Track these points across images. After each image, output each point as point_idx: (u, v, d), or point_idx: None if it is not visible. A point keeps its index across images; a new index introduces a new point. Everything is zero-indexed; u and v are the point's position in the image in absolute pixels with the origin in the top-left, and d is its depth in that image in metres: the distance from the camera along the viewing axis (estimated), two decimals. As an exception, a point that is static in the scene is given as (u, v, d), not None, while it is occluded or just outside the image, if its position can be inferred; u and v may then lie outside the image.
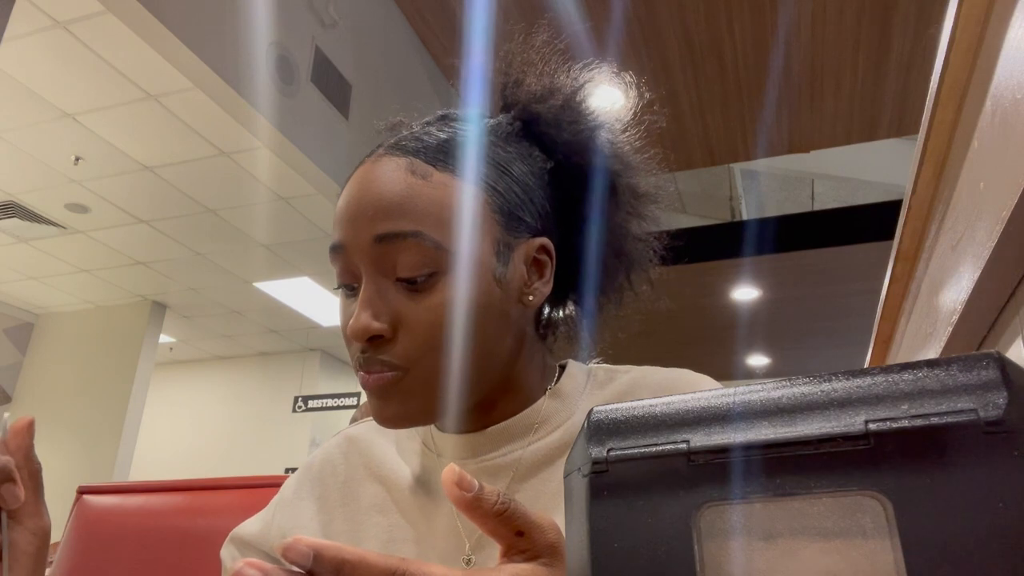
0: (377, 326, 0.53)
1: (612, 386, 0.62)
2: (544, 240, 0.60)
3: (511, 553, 0.36)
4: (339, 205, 0.58)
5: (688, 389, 0.59)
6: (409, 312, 0.54)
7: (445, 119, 0.61)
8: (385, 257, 0.54)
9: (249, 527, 0.68)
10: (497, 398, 0.59)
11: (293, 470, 0.76)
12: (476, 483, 0.35)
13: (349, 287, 0.58)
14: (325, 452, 0.69)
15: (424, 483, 0.61)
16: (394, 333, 0.54)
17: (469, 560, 0.55)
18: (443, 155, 0.57)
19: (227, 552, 0.68)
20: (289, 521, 0.65)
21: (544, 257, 0.60)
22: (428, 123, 0.61)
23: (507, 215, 0.58)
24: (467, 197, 0.56)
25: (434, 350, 0.53)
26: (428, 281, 0.54)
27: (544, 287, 0.60)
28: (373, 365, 0.54)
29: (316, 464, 0.69)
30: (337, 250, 0.57)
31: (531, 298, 0.58)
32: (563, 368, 0.65)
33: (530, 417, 0.59)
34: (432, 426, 0.63)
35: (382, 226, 0.54)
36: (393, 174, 0.55)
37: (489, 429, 0.59)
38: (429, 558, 0.57)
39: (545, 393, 0.61)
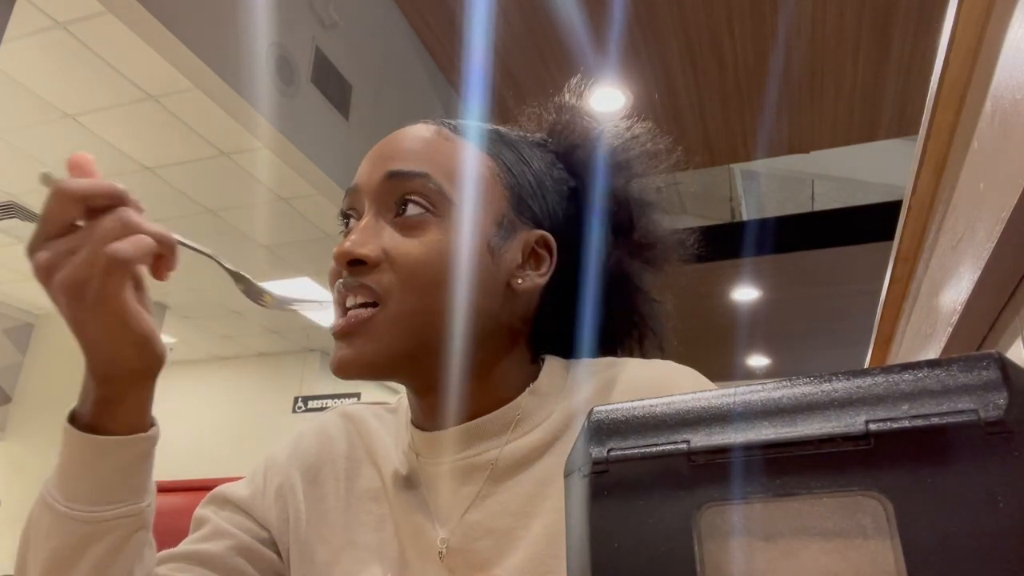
0: (361, 251, 0.55)
1: (592, 382, 0.61)
2: (546, 234, 0.62)
3: None
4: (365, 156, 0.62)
5: (669, 384, 0.59)
6: (398, 246, 0.56)
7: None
8: (390, 194, 0.58)
9: (238, 490, 0.66)
10: (473, 390, 0.59)
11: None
12: None
13: (347, 223, 0.61)
14: (320, 426, 0.68)
15: (407, 479, 0.61)
16: (378, 264, 0.56)
17: (441, 553, 0.57)
18: (469, 131, 0.62)
19: (208, 511, 0.65)
20: (285, 485, 0.65)
21: (543, 252, 0.62)
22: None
23: (516, 195, 0.61)
24: (480, 161, 0.60)
25: (413, 287, 0.55)
26: (422, 219, 0.56)
27: (538, 279, 0.61)
28: (353, 289, 0.56)
29: (310, 436, 0.68)
30: (351, 191, 0.61)
31: (520, 282, 0.60)
32: (543, 362, 0.64)
33: (508, 415, 0.59)
34: (412, 425, 0.63)
35: (394, 165, 0.58)
36: (418, 130, 0.61)
37: (464, 425, 0.59)
38: (408, 554, 0.58)
39: (525, 391, 0.60)
